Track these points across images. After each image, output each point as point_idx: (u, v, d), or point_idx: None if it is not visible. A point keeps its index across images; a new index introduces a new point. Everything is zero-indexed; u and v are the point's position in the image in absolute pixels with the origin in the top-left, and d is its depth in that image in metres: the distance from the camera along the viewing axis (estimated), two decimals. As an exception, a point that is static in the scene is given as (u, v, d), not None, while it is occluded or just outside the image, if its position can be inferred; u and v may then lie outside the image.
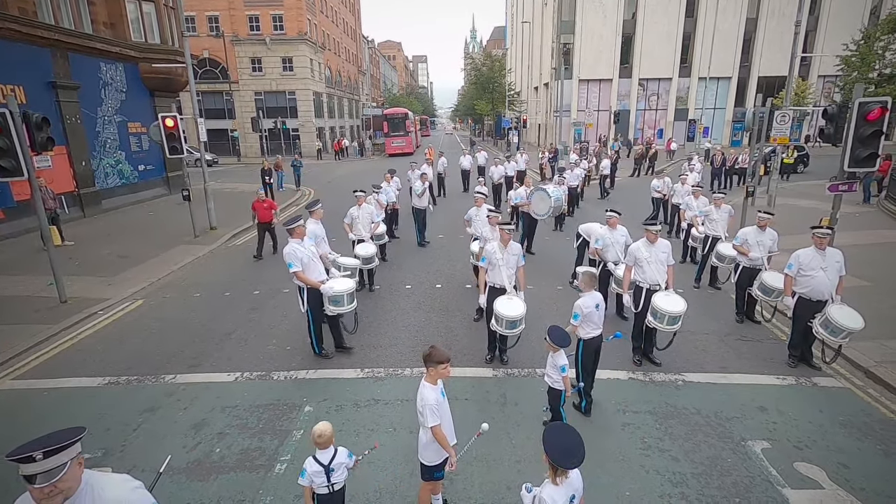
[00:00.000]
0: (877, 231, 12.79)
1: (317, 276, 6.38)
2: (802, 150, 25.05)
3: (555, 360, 4.63)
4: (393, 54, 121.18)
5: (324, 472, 3.38)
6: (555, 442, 2.69)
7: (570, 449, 2.66)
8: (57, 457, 2.06)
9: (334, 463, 3.41)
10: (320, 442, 3.41)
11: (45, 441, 2.09)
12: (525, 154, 21.91)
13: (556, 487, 2.68)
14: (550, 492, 2.67)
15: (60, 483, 2.07)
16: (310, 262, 6.31)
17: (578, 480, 2.78)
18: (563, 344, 4.56)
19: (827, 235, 6.05)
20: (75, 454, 2.16)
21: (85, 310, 8.47)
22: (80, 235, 13.71)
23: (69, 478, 2.11)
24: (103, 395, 5.93)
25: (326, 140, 46.38)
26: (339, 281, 6.63)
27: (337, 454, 3.44)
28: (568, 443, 2.69)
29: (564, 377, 4.61)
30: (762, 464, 4.53)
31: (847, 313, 5.81)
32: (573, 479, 2.74)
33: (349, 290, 6.48)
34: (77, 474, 2.17)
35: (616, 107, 39.22)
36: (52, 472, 2.04)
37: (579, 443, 2.69)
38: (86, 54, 16.54)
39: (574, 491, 2.74)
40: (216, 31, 38.49)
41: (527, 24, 52.11)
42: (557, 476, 2.68)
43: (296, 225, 6.33)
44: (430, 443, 3.55)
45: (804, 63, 39.13)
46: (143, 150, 19.73)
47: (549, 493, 2.67)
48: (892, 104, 7.72)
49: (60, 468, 2.07)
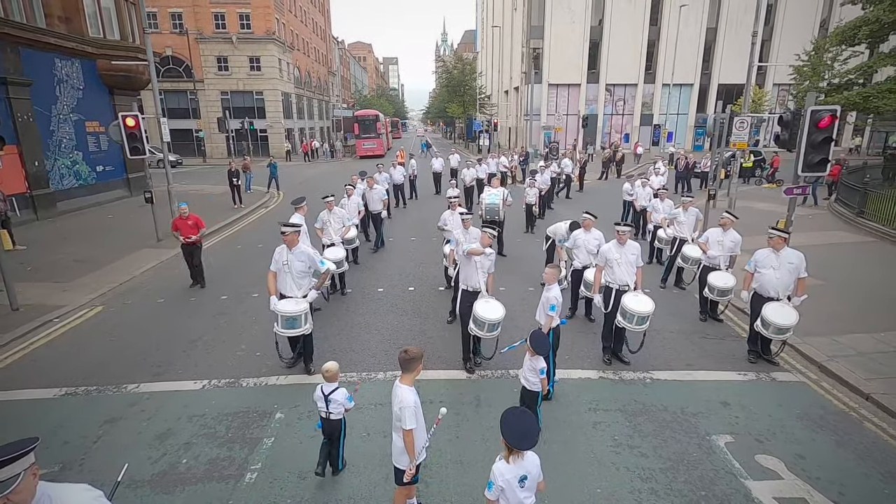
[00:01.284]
0: (828, 232, 13.47)
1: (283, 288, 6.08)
2: (759, 154, 26.16)
3: (533, 364, 4.69)
4: (364, 56, 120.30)
5: (323, 399, 4.22)
6: (511, 425, 2.88)
7: (525, 432, 2.85)
8: (9, 468, 2.00)
9: (332, 396, 4.20)
10: (327, 376, 4.23)
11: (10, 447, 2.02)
12: (498, 157, 22.07)
13: (507, 465, 2.87)
14: (501, 467, 2.87)
15: (14, 495, 2.00)
16: (280, 270, 6.10)
17: (533, 465, 2.93)
18: (543, 352, 4.67)
19: (780, 237, 6.34)
20: (28, 465, 2.09)
21: (39, 318, 8.05)
22: (34, 239, 13.05)
23: (23, 489, 2.04)
24: (60, 406, 5.65)
25: (296, 141, 45.64)
26: (291, 301, 5.99)
27: (337, 391, 4.22)
28: (523, 426, 2.88)
29: (543, 379, 4.71)
30: (726, 457, 4.70)
31: (781, 311, 6.12)
32: (528, 461, 2.90)
33: (304, 311, 5.87)
34: (31, 485, 2.11)
35: (584, 111, 40.06)
36: (5, 484, 1.98)
37: (534, 426, 2.90)
38: (39, 49, 15.77)
39: (526, 472, 2.89)
40: (180, 29, 37.36)
41: (497, 29, 52.70)
42: (511, 455, 2.87)
43: (290, 231, 6.00)
44: (405, 447, 3.53)
45: (760, 72, 40.92)
46: (101, 150, 18.95)
47: (500, 468, 2.87)
48: (841, 112, 8.19)
49: (13, 479, 2.00)
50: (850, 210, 14.97)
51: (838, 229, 13.89)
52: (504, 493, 2.89)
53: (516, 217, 14.55)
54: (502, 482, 2.87)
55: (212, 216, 16.03)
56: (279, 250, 6.13)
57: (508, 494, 2.89)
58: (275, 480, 4.39)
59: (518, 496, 2.90)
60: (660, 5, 41.32)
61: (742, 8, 40.06)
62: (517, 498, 2.90)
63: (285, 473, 4.48)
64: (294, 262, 6.01)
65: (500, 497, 2.91)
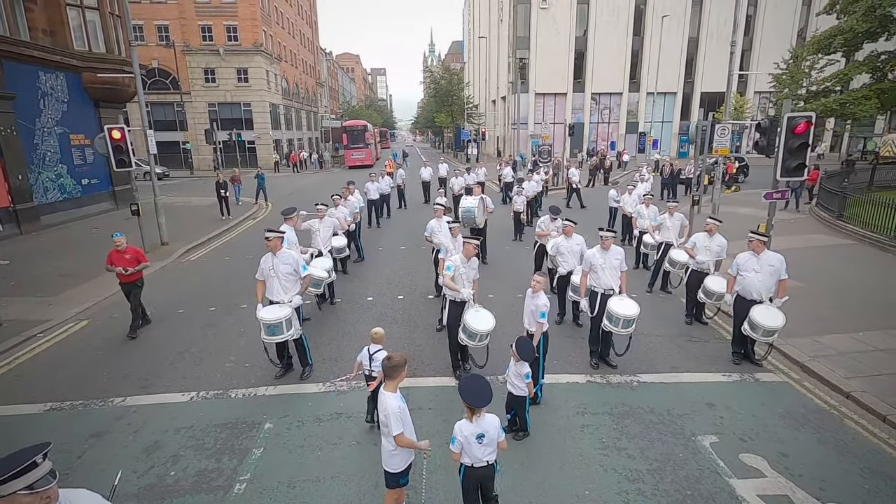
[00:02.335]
0: (809, 236, 13.77)
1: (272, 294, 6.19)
2: (742, 160, 26.68)
3: (518, 369, 4.79)
4: (352, 67, 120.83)
5: (368, 357, 4.96)
6: (467, 388, 3.45)
7: (478, 392, 3.41)
8: (48, 461, 2.09)
9: (375, 355, 4.90)
10: (375, 338, 4.99)
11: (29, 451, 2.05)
12: (483, 166, 22.29)
13: (468, 423, 3.42)
14: (462, 425, 3.45)
15: (52, 491, 2.07)
16: (267, 277, 6.18)
17: (492, 426, 3.45)
18: (529, 359, 4.77)
19: (759, 240, 6.49)
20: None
21: (23, 332, 7.94)
22: (17, 253, 12.88)
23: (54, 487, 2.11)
24: (45, 421, 5.58)
25: (284, 152, 45.58)
26: (274, 308, 6.07)
27: (379, 352, 4.88)
28: (477, 387, 3.44)
29: (529, 383, 4.79)
30: (711, 457, 4.78)
31: (768, 313, 6.25)
32: (486, 422, 3.43)
33: (285, 316, 5.94)
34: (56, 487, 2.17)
35: (570, 120, 40.58)
36: (51, 473, 2.07)
37: (486, 387, 3.47)
38: (22, 62, 15.67)
39: (483, 431, 3.41)
40: (166, 41, 37.35)
41: (483, 40, 53.34)
42: (473, 415, 3.40)
43: (273, 236, 6.18)
44: (395, 450, 3.57)
45: (742, 80, 41.83)
46: (87, 163, 18.79)
47: (461, 425, 3.45)
48: (815, 119, 8.43)
49: (54, 472, 2.08)
50: (830, 214, 15.32)
51: (819, 233, 14.19)
52: (465, 449, 3.41)
53: (504, 225, 14.69)
54: (462, 437, 3.41)
55: (200, 228, 15.97)
56: (265, 258, 6.24)
57: (468, 450, 3.41)
58: (264, 490, 4.38)
59: (476, 452, 3.41)
60: (642, 16, 42.18)
61: (722, 19, 41.05)
62: (477, 454, 3.42)
63: (275, 483, 4.47)
64: (279, 266, 6.14)
65: (462, 451, 3.44)
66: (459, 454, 3.46)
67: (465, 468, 3.58)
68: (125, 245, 7.87)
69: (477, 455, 3.43)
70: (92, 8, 18.29)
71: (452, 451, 3.50)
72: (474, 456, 3.43)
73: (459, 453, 3.45)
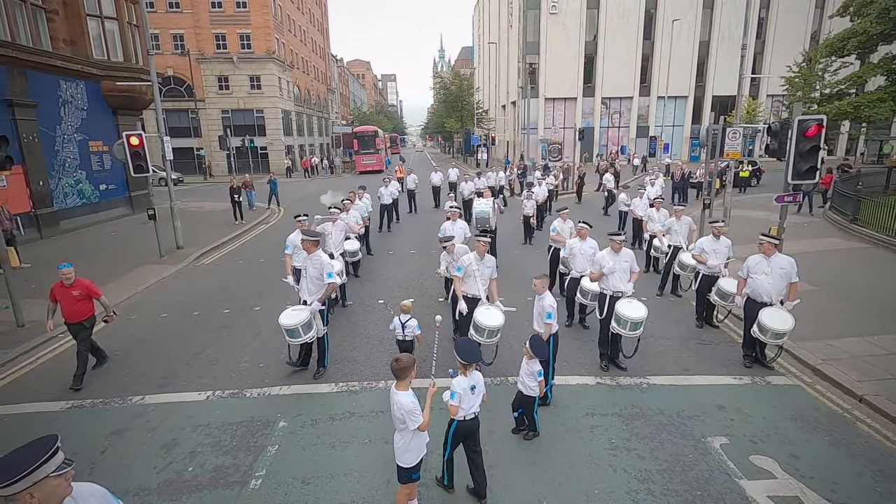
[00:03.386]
0: (822, 239, 13.63)
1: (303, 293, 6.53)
2: (755, 164, 26.45)
3: (531, 367, 4.87)
4: (362, 73, 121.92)
5: (401, 326, 6.11)
6: (463, 348, 4.18)
7: (472, 351, 4.18)
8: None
9: (407, 323, 6.10)
10: (404, 309, 6.17)
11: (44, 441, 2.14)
12: (497, 171, 22.38)
13: (463, 377, 4.10)
14: (458, 380, 4.10)
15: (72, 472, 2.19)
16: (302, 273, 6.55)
17: (479, 379, 4.17)
18: (542, 357, 4.86)
19: (770, 243, 6.49)
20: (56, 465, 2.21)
21: (44, 333, 8.13)
22: (38, 257, 13.20)
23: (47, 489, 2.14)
24: (67, 418, 5.75)
25: (296, 158, 46.10)
26: (293, 313, 6.27)
27: (411, 320, 6.13)
28: (470, 348, 4.23)
29: (541, 381, 4.87)
30: (721, 458, 4.79)
31: (777, 316, 6.23)
32: (476, 376, 4.15)
33: (302, 321, 6.12)
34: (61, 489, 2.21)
35: (581, 124, 40.57)
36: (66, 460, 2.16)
37: (477, 348, 4.40)
38: (44, 71, 16.13)
39: (475, 382, 4.13)
40: (181, 49, 38.07)
41: (493, 45, 53.57)
42: (465, 371, 4.09)
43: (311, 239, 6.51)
44: (408, 446, 3.66)
45: (754, 83, 41.55)
46: (104, 169, 19.22)
47: (458, 380, 4.10)
48: (829, 122, 8.41)
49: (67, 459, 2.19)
50: (843, 217, 15.16)
51: (832, 236, 14.05)
52: (461, 399, 4.05)
53: (514, 228, 14.75)
54: (460, 390, 4.04)
55: (214, 232, 16.25)
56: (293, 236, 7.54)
57: (463, 400, 4.07)
58: (279, 486, 4.48)
59: (470, 400, 4.12)
60: (653, 20, 42.12)
61: (734, 22, 40.79)
62: (470, 402, 4.11)
63: (289, 479, 4.57)
64: (310, 268, 6.42)
65: (459, 404, 4.06)
66: (458, 407, 4.05)
67: (456, 423, 4.16)
68: (73, 278, 6.49)
69: (469, 405, 4.10)
70: (111, 18, 18.77)
71: (451, 405, 4.06)
72: (467, 406, 4.09)
73: (458, 406, 4.05)
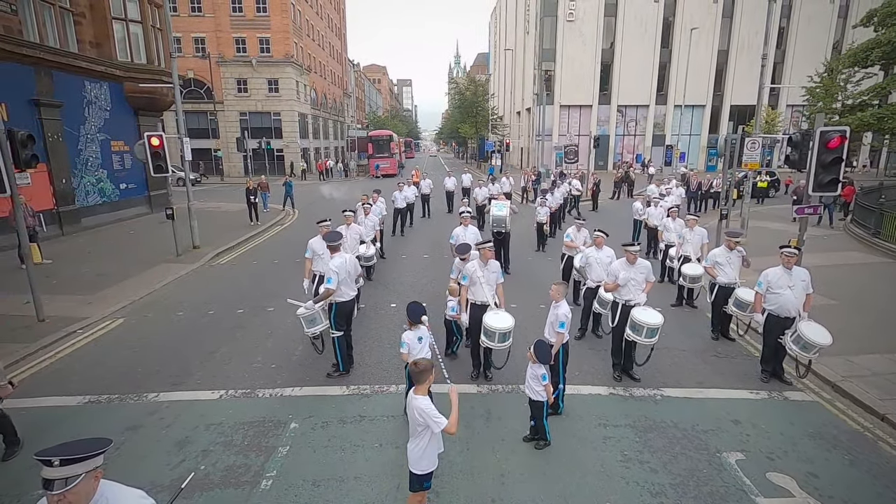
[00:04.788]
0: (843, 253, 13.36)
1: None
2: (774, 175, 26.10)
3: (534, 371, 4.87)
4: (378, 78, 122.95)
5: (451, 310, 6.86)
6: (410, 309, 5.16)
7: (416, 311, 5.13)
8: (72, 467, 2.08)
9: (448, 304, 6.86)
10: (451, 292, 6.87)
11: (68, 448, 2.11)
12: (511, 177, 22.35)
13: (410, 331, 5.12)
14: (407, 333, 5.11)
15: (70, 494, 2.07)
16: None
17: (425, 332, 5.15)
18: (545, 361, 4.83)
19: (794, 254, 6.38)
20: (92, 467, 2.16)
21: (63, 329, 8.32)
22: (59, 253, 13.48)
23: (79, 490, 2.11)
24: (83, 413, 5.84)
25: (311, 160, 46.54)
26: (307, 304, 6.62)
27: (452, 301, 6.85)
28: (415, 307, 5.16)
29: (546, 385, 4.83)
30: (736, 474, 4.70)
31: (816, 330, 6.10)
32: (422, 329, 5.12)
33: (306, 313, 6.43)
34: (89, 488, 2.17)
35: (596, 132, 40.39)
36: (66, 481, 2.06)
37: (421, 307, 5.18)
38: (70, 73, 16.52)
39: (422, 335, 5.10)
40: (202, 52, 38.78)
41: (509, 52, 53.69)
42: (413, 326, 5.12)
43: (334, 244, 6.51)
44: (424, 453, 3.67)
45: (773, 93, 41.05)
46: (125, 168, 19.59)
47: (406, 334, 5.10)
48: (851, 133, 8.26)
49: (73, 479, 2.08)
50: (865, 231, 14.85)
51: (853, 250, 13.76)
52: (410, 350, 4.97)
53: (528, 235, 14.70)
54: (409, 341, 5.03)
55: (230, 233, 16.46)
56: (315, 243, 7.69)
57: (412, 348, 5.00)
58: (289, 487, 4.50)
59: (417, 347, 5.03)
60: (671, 28, 41.91)
61: (753, 31, 40.44)
62: (417, 349, 5.02)
63: (300, 481, 4.58)
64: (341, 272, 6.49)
65: (409, 352, 4.96)
66: (407, 354, 4.97)
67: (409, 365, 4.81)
68: None
69: (416, 351, 5.01)
70: (135, 21, 19.19)
71: (402, 353, 5.05)
72: (415, 353, 4.97)
73: (407, 353, 4.98)
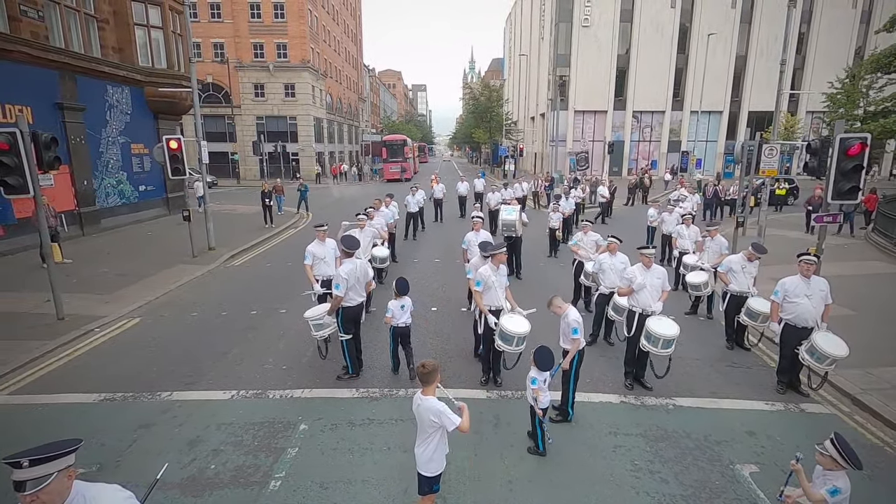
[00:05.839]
0: (864, 262, 13.06)
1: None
2: (792, 182, 25.65)
3: (530, 374, 4.92)
4: (393, 83, 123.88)
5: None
6: (398, 285, 6.45)
7: (403, 285, 6.47)
8: (43, 466, 2.09)
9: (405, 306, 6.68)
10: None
11: (38, 450, 2.12)
12: (525, 181, 22.36)
13: (394, 300, 6.38)
14: (391, 302, 6.43)
15: (43, 494, 2.08)
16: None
17: (408, 300, 6.50)
18: (546, 367, 4.83)
19: (812, 262, 6.25)
20: (64, 466, 2.16)
21: (82, 327, 8.50)
22: (79, 253, 13.79)
23: (52, 490, 2.11)
24: (99, 410, 5.95)
25: (325, 164, 46.99)
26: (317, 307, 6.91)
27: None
28: (403, 283, 6.50)
29: (534, 388, 4.82)
30: (750, 487, 4.60)
31: (832, 341, 5.95)
32: (405, 299, 6.46)
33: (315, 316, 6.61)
34: (63, 487, 2.18)
35: (610, 137, 40.13)
36: (38, 481, 2.07)
37: (406, 282, 6.55)
38: (93, 77, 16.96)
39: (404, 303, 6.45)
40: (221, 58, 39.50)
41: (524, 57, 53.69)
42: (397, 297, 6.40)
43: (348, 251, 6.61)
44: (433, 455, 3.68)
45: (793, 99, 40.42)
46: (144, 170, 20.00)
47: (391, 303, 6.42)
48: (873, 140, 8.08)
49: (45, 478, 2.09)
50: (888, 240, 14.50)
51: (875, 259, 13.44)
52: (394, 315, 6.30)
53: (540, 241, 14.63)
54: (392, 307, 6.36)
55: (244, 235, 16.68)
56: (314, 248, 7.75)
57: (395, 314, 6.33)
58: (297, 489, 4.52)
59: (401, 314, 6.38)
60: (687, 34, 41.55)
61: (772, 36, 39.89)
62: (400, 315, 6.38)
63: (308, 483, 4.60)
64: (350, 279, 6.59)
65: (392, 316, 6.32)
66: (391, 318, 6.34)
67: (393, 328, 6.52)
68: None
69: (400, 317, 6.38)
70: (157, 27, 19.64)
71: (387, 317, 6.40)
72: (399, 319, 6.37)
73: (391, 317, 6.34)
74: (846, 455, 3.17)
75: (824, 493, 3.24)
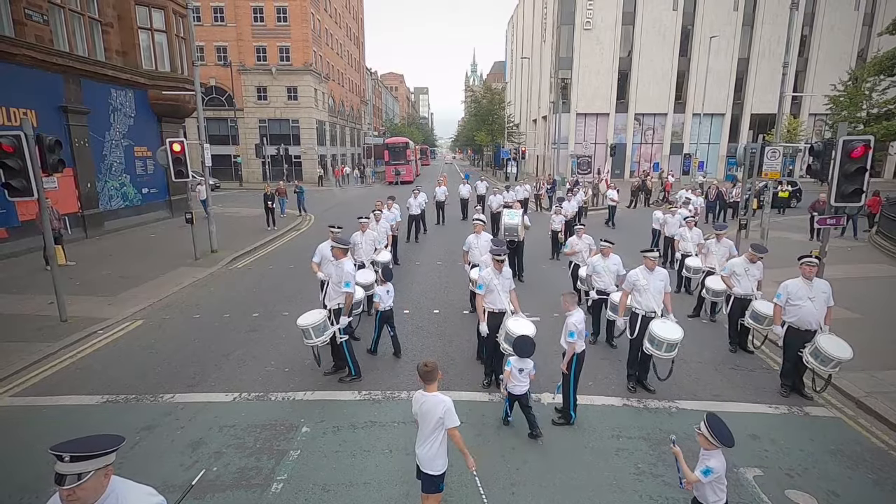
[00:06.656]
0: (867, 265, 13.01)
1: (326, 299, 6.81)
2: (795, 185, 25.59)
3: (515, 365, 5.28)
4: (395, 85, 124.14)
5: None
6: (384, 270, 7.31)
7: (388, 272, 7.31)
8: (82, 464, 2.10)
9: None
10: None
11: (81, 445, 2.14)
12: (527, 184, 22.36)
13: (380, 286, 7.10)
14: (378, 288, 7.25)
15: (79, 490, 2.11)
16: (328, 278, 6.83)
17: (391, 286, 7.20)
18: (524, 355, 5.25)
19: (815, 265, 6.23)
20: (103, 465, 2.17)
21: (85, 329, 8.52)
22: (82, 255, 13.83)
23: (88, 487, 2.13)
24: (101, 412, 5.96)
25: (328, 167, 47.09)
26: (309, 314, 6.53)
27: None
28: (388, 270, 7.35)
29: (507, 370, 5.29)
30: (754, 490, 4.58)
31: (836, 343, 5.93)
32: (390, 286, 7.16)
33: (311, 324, 6.31)
34: (99, 485, 2.18)
35: (612, 140, 40.12)
36: (76, 477, 2.09)
37: (391, 271, 7.50)
38: (97, 80, 17.04)
39: (388, 289, 7.17)
40: (224, 61, 39.63)
41: (526, 60, 53.77)
42: (383, 284, 7.10)
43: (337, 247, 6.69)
44: (437, 452, 3.68)
45: (795, 102, 40.34)
46: (147, 173, 20.07)
47: (378, 289, 7.22)
48: (877, 143, 8.06)
49: (83, 475, 2.10)
50: (891, 243, 14.44)
51: (879, 262, 13.39)
52: (381, 300, 7.00)
53: (542, 244, 14.62)
54: (381, 292, 7.06)
55: (247, 237, 16.71)
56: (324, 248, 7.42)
57: (383, 299, 7.04)
58: (300, 491, 4.52)
59: (386, 300, 7.09)
60: (689, 37, 41.56)
61: (775, 39, 39.90)
62: (386, 300, 7.10)
63: (310, 485, 4.60)
64: (333, 275, 6.63)
65: (380, 301, 7.01)
66: (378, 303, 7.10)
67: (380, 313, 7.22)
68: None
69: (387, 303, 7.14)
70: (160, 31, 19.75)
71: (375, 303, 7.20)
72: (386, 303, 7.11)
73: (378, 302, 7.10)
74: (716, 433, 3.28)
75: (699, 473, 3.36)
